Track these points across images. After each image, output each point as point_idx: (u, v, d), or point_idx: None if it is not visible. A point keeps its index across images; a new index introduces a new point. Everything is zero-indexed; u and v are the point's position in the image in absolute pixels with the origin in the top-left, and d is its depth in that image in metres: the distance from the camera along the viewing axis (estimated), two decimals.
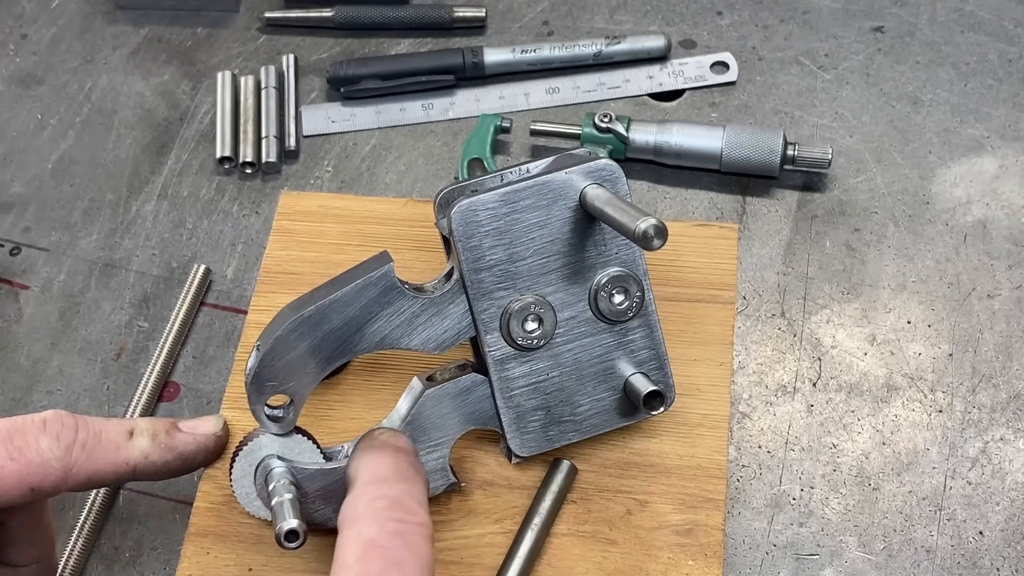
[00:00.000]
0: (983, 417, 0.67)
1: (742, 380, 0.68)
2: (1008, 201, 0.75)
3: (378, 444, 0.55)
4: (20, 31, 0.88)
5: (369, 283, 0.55)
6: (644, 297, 0.60)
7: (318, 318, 0.55)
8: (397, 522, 0.49)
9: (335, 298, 0.55)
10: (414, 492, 0.52)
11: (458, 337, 0.58)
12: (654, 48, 0.82)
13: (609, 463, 0.64)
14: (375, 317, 0.56)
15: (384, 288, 0.56)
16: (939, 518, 0.64)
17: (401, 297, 0.56)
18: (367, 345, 0.56)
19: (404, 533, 0.48)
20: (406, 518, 0.49)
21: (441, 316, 0.58)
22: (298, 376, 0.55)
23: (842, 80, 0.81)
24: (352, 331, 0.56)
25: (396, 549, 0.47)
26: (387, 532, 0.48)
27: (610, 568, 0.60)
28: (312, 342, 0.55)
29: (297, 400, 0.56)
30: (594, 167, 0.57)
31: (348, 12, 0.85)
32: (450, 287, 0.57)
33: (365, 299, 0.55)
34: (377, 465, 0.53)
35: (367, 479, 0.52)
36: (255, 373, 0.54)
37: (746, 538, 0.63)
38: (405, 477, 0.52)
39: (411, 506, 0.50)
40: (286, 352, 0.54)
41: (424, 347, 0.58)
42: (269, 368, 0.54)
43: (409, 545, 0.48)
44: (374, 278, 0.55)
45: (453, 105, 0.82)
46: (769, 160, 0.75)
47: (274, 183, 0.79)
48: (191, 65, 0.86)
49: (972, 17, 0.84)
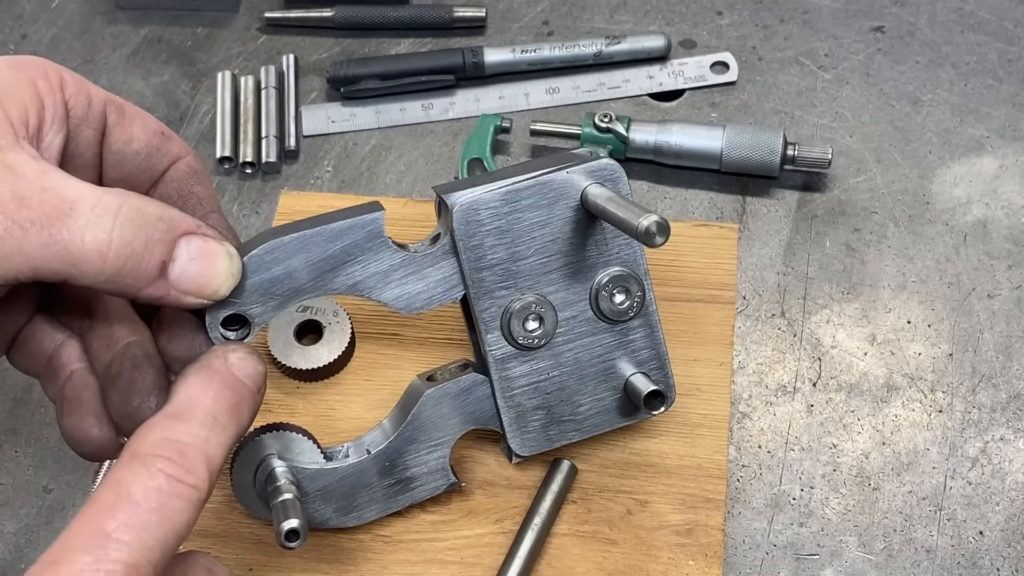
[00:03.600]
0: (983, 417, 0.67)
1: (742, 380, 0.68)
2: (1008, 201, 0.75)
3: (213, 369, 0.49)
4: (20, 31, 0.88)
5: (356, 225, 0.55)
6: (645, 297, 0.60)
7: (297, 246, 0.54)
8: (167, 477, 0.44)
9: (318, 231, 0.54)
10: (211, 444, 0.46)
11: (431, 302, 0.58)
12: (654, 48, 0.82)
13: (609, 463, 0.64)
14: (353, 260, 0.55)
15: (369, 233, 0.55)
16: (939, 518, 0.64)
17: (384, 248, 0.56)
18: (338, 286, 0.55)
19: (166, 492, 0.43)
20: (180, 475, 0.44)
21: (418, 276, 0.57)
22: (262, 301, 0.53)
23: (842, 80, 0.81)
24: (328, 268, 0.55)
25: (146, 510, 0.43)
26: (149, 485, 0.43)
27: (610, 568, 0.60)
28: (285, 270, 0.53)
29: (253, 327, 0.54)
30: (596, 166, 0.57)
31: (348, 12, 0.85)
32: (434, 250, 0.57)
33: (348, 240, 0.55)
34: (194, 393, 0.48)
35: (173, 408, 0.47)
36: None
37: (746, 538, 0.63)
38: (214, 423, 0.47)
39: (193, 462, 0.45)
40: (257, 272, 0.53)
41: (395, 303, 0.57)
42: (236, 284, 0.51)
43: (163, 507, 0.43)
44: (362, 221, 0.55)
45: (453, 105, 0.82)
46: (769, 160, 0.75)
47: (274, 183, 0.79)
48: (191, 65, 0.85)
49: (972, 17, 0.84)
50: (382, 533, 0.62)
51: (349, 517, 0.59)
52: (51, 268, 0.44)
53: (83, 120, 0.49)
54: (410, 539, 0.62)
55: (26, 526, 0.66)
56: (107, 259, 0.45)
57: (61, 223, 0.44)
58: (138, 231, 0.46)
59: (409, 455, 0.59)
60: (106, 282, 0.45)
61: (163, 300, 0.48)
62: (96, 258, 0.45)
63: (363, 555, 0.61)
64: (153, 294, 0.47)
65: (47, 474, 0.68)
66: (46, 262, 0.44)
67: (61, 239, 0.44)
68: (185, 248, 0.47)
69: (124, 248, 0.45)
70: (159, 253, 0.46)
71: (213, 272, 0.49)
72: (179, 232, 0.47)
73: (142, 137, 0.51)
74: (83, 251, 0.44)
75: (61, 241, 0.44)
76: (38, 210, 0.44)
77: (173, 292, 0.47)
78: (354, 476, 0.59)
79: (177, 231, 0.47)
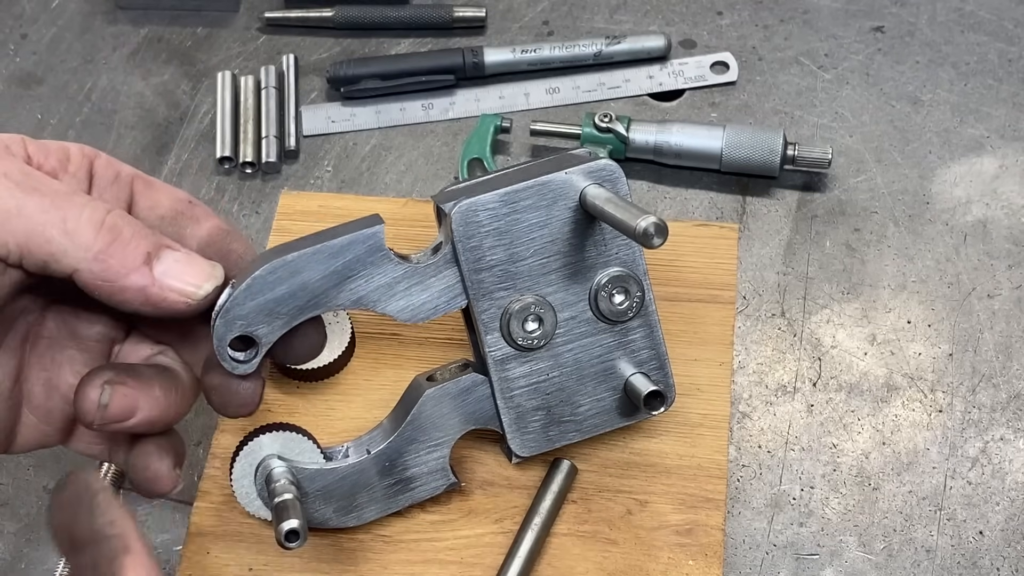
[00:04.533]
0: (983, 417, 0.67)
1: (742, 380, 0.69)
2: (1008, 201, 0.75)
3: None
4: (20, 31, 0.88)
5: (356, 240, 0.55)
6: (644, 297, 0.60)
7: (299, 265, 0.54)
8: None
9: (319, 248, 0.54)
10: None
11: (435, 311, 0.58)
12: (654, 48, 0.82)
13: (609, 463, 0.64)
14: (356, 275, 0.55)
15: (370, 248, 0.55)
16: (939, 518, 0.64)
17: (386, 261, 0.56)
18: (343, 302, 0.55)
19: None
20: None
21: (422, 287, 0.57)
22: (268, 321, 0.53)
23: (842, 80, 0.81)
24: (331, 284, 0.55)
25: None
26: None
27: (610, 568, 0.60)
28: (289, 288, 0.54)
29: (261, 347, 0.54)
30: (594, 167, 0.57)
31: (348, 12, 0.85)
32: (436, 260, 0.57)
33: (350, 255, 0.55)
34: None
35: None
36: (225, 308, 0.52)
37: (746, 538, 0.63)
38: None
39: None
40: (260, 293, 0.53)
41: (399, 315, 0.57)
42: (241, 306, 0.53)
43: None
44: (362, 236, 0.55)
45: (453, 105, 0.82)
46: (769, 160, 0.75)
47: (274, 183, 0.79)
48: (191, 65, 0.86)
49: (972, 17, 0.84)
50: (382, 533, 0.62)
51: (349, 517, 0.59)
52: (43, 236, 0.47)
53: (108, 186, 0.52)
54: (410, 539, 0.62)
55: (26, 526, 0.66)
56: (99, 234, 0.47)
57: (60, 196, 0.47)
58: (128, 224, 0.49)
59: (409, 455, 0.60)
60: (93, 260, 0.47)
61: (146, 293, 0.49)
62: (88, 231, 0.47)
63: (363, 555, 0.61)
64: (137, 282, 0.48)
65: (47, 474, 0.68)
66: (41, 228, 0.46)
67: (60, 208, 0.47)
68: (170, 253, 0.50)
69: (114, 229, 0.48)
70: (145, 245, 0.49)
71: (197, 270, 0.50)
72: (166, 243, 0.50)
73: (167, 203, 0.53)
74: (79, 223, 0.47)
75: (61, 209, 0.47)
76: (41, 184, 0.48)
77: (156, 285, 0.49)
78: (354, 476, 0.59)
79: (164, 242, 0.50)
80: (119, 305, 0.49)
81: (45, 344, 0.54)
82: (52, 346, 0.54)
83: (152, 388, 0.51)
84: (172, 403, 0.52)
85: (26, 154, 0.50)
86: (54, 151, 0.51)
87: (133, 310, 0.49)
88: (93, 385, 0.50)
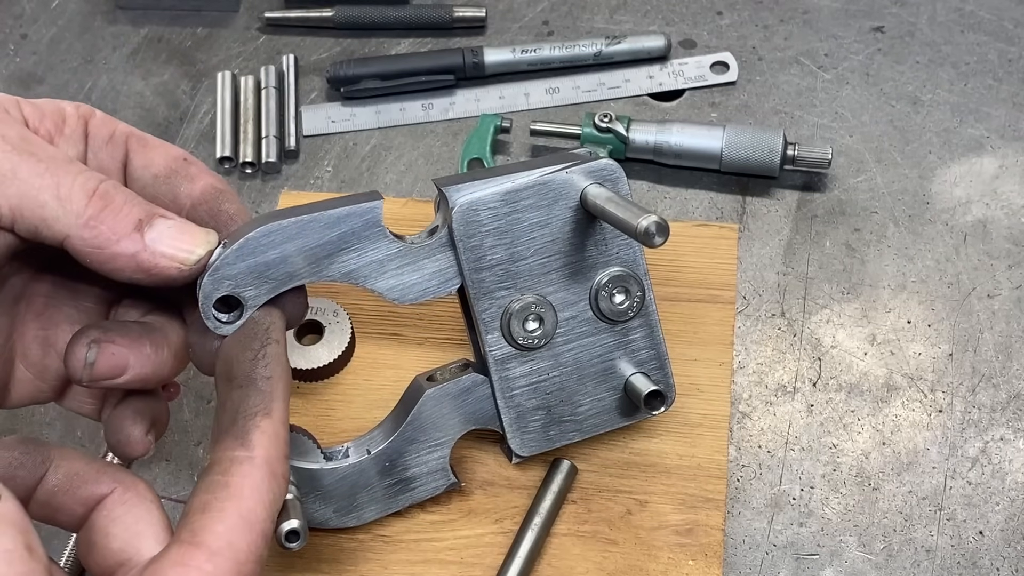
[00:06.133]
0: (983, 417, 0.67)
1: (742, 380, 0.69)
2: (1008, 201, 0.75)
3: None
4: (20, 31, 0.88)
5: (354, 213, 0.54)
6: (645, 297, 0.60)
7: (293, 231, 0.53)
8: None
9: (316, 216, 0.54)
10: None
11: (425, 293, 0.57)
12: (654, 48, 0.82)
13: (609, 463, 0.64)
14: (349, 247, 0.55)
15: (367, 222, 0.55)
16: (939, 518, 0.64)
17: (381, 237, 0.55)
18: (333, 274, 0.55)
19: None
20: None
21: (413, 268, 0.57)
22: (256, 284, 0.53)
23: (842, 80, 0.81)
24: (324, 254, 0.54)
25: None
26: None
27: (610, 568, 0.60)
28: (281, 254, 0.53)
29: (246, 309, 0.53)
30: (595, 167, 0.57)
31: (348, 12, 0.85)
32: (431, 242, 0.57)
33: (345, 227, 0.54)
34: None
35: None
36: (215, 266, 0.52)
37: (746, 538, 0.63)
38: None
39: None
40: (252, 255, 0.52)
41: (388, 293, 0.57)
42: (231, 266, 0.52)
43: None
44: (360, 209, 0.55)
45: (453, 105, 0.82)
46: (769, 160, 0.75)
47: (274, 183, 0.79)
48: (191, 65, 0.86)
49: (972, 17, 0.84)
50: (382, 533, 0.62)
51: (349, 517, 0.59)
52: (36, 200, 0.47)
53: (103, 145, 0.52)
54: (410, 539, 0.62)
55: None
56: (91, 201, 0.47)
57: (55, 162, 0.48)
58: (120, 192, 0.49)
59: (409, 455, 0.59)
60: (84, 226, 0.47)
61: (137, 259, 0.48)
62: (81, 197, 0.47)
63: (363, 555, 0.61)
64: (128, 249, 0.48)
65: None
66: (35, 192, 0.47)
67: (55, 173, 0.47)
68: (163, 220, 0.49)
69: (106, 197, 0.48)
70: (136, 212, 0.48)
71: (189, 236, 0.50)
72: (159, 212, 0.50)
73: (161, 162, 0.53)
74: (72, 189, 0.47)
75: (55, 175, 0.47)
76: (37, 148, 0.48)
77: (147, 251, 0.48)
78: (354, 476, 0.59)
79: (157, 210, 0.50)
80: (111, 274, 0.49)
81: (42, 303, 0.54)
82: (49, 305, 0.54)
83: (143, 345, 0.51)
84: (164, 360, 0.52)
85: (22, 116, 0.50)
86: (50, 113, 0.51)
87: (126, 279, 0.49)
88: (80, 343, 0.50)
